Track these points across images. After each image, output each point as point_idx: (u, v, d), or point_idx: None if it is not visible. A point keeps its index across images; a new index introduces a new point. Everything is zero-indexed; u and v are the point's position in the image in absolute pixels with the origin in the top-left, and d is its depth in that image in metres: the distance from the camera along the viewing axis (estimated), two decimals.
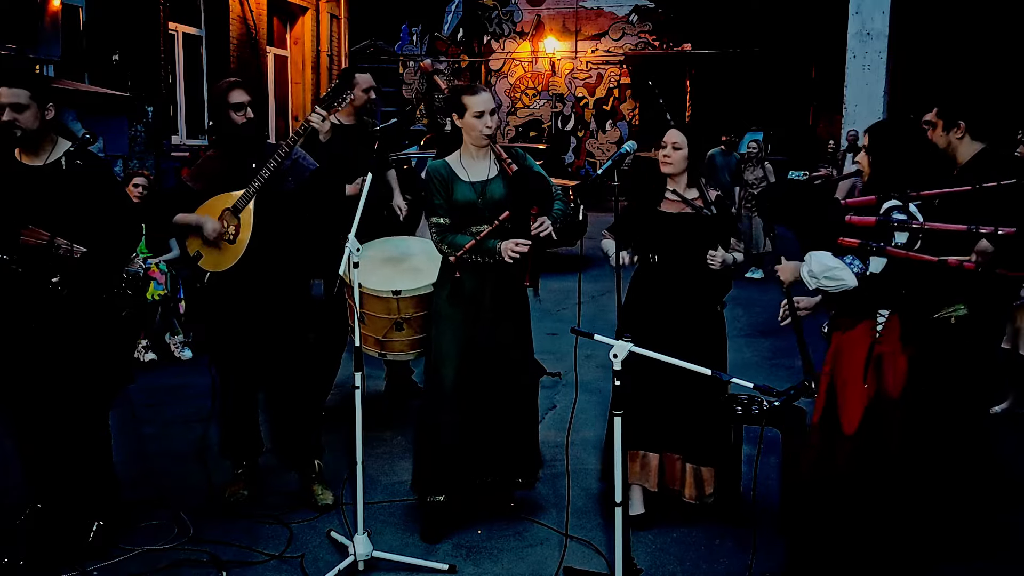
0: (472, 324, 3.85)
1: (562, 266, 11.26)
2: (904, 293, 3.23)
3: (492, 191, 3.89)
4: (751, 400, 4.04)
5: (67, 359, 3.56)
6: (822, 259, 3.18)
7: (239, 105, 3.94)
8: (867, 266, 3.14)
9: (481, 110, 3.83)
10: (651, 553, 3.71)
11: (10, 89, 3.51)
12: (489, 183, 3.90)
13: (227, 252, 3.98)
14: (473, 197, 3.86)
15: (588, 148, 22.42)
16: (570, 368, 4.98)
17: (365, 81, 5.11)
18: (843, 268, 3.14)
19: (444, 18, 23.23)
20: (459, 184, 3.89)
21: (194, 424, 5.24)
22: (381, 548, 3.60)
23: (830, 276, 3.17)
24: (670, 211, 3.96)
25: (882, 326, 3.23)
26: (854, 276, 3.14)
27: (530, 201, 3.79)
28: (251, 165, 3.96)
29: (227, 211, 3.95)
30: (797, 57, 18.64)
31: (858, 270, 3.13)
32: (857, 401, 3.25)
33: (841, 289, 3.19)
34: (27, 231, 3.47)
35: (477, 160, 3.93)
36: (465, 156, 3.96)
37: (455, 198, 3.88)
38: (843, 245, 3.05)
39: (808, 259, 3.23)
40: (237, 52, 12.25)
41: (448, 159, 3.98)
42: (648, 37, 21.54)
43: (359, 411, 3.50)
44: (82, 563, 3.48)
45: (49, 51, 8.82)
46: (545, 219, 3.82)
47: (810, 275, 3.22)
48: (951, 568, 3.55)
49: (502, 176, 3.88)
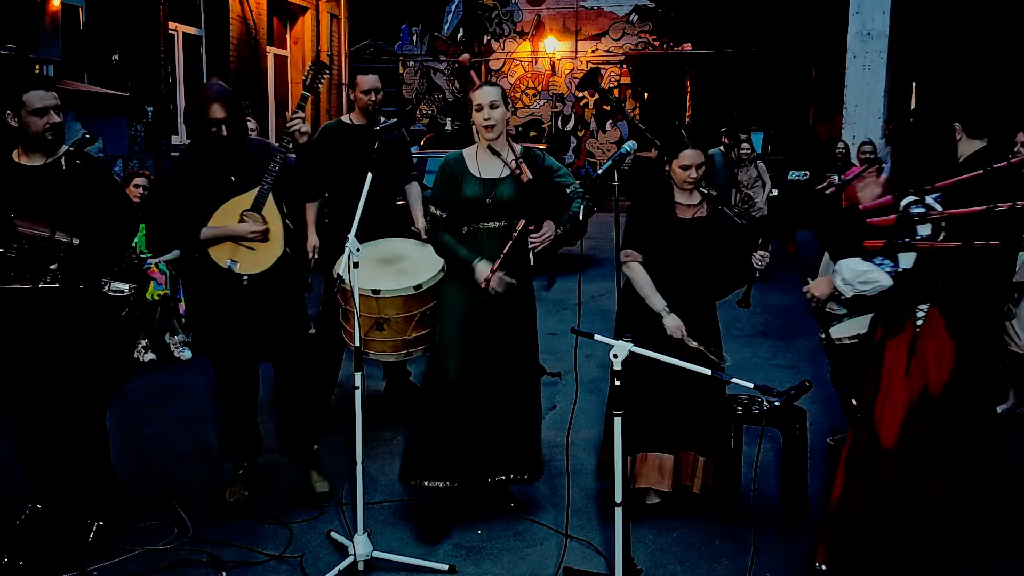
0: (477, 317, 3.84)
1: (562, 266, 11.26)
2: (940, 286, 3.19)
3: (502, 191, 3.84)
4: (751, 400, 4.05)
5: (64, 356, 3.56)
6: (852, 265, 3.17)
7: (216, 122, 3.83)
8: (898, 264, 3.12)
9: (480, 103, 3.80)
10: (651, 553, 3.70)
11: (48, 91, 3.57)
12: (500, 182, 3.85)
13: (264, 250, 3.93)
14: (481, 194, 3.83)
15: (588, 148, 22.41)
16: (570, 368, 4.98)
17: (366, 83, 5.09)
18: (875, 270, 3.13)
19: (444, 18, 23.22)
20: (469, 179, 3.85)
21: (194, 424, 5.24)
22: (381, 548, 3.60)
23: (864, 280, 3.15)
24: (686, 216, 3.97)
25: (922, 320, 3.22)
26: (887, 275, 3.12)
27: (542, 211, 3.77)
28: (230, 178, 3.93)
29: (247, 212, 3.92)
30: (797, 57, 18.63)
31: (890, 269, 3.12)
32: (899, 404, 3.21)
33: (878, 290, 3.16)
34: (23, 220, 3.45)
35: (491, 157, 3.88)
36: (481, 152, 3.91)
37: (463, 193, 3.84)
38: (870, 247, 3.04)
39: (839, 269, 3.21)
40: (237, 52, 12.24)
41: (465, 152, 3.94)
42: (648, 37, 21.52)
43: (359, 411, 3.49)
44: (82, 563, 3.48)
45: (49, 51, 8.81)
46: (546, 231, 3.83)
47: (844, 284, 3.20)
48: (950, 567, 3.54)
49: (514, 177, 3.85)
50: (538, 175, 3.88)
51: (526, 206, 3.83)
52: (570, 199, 4.00)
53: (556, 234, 3.94)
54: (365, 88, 5.07)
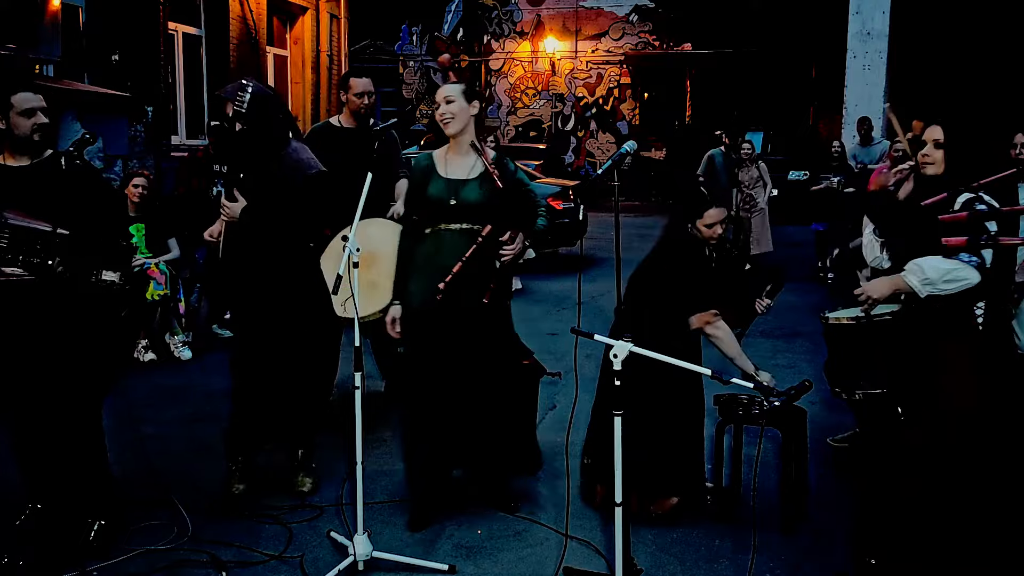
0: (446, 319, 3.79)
1: (562, 266, 11.26)
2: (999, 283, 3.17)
3: (467, 193, 3.79)
4: (751, 400, 4.05)
5: (53, 350, 3.54)
6: (936, 264, 3.06)
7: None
8: (984, 260, 3.04)
9: (437, 99, 3.79)
10: (651, 553, 3.71)
11: (36, 93, 3.58)
12: (465, 184, 3.80)
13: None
14: (446, 195, 3.78)
15: (588, 148, 22.42)
16: (570, 368, 4.98)
17: (359, 86, 4.96)
18: (963, 267, 3.04)
19: (444, 18, 23.24)
20: (435, 179, 3.82)
21: (194, 424, 5.25)
22: (381, 548, 3.60)
23: (951, 278, 3.05)
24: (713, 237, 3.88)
25: (981, 318, 3.18)
26: (976, 271, 3.04)
27: (509, 221, 3.73)
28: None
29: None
30: (797, 57, 18.64)
31: (976, 264, 3.04)
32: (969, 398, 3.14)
33: (963, 288, 3.07)
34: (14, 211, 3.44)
35: (459, 156, 3.83)
36: (450, 152, 3.87)
37: (428, 192, 3.80)
38: (951, 245, 2.97)
39: (917, 269, 3.09)
40: (237, 52, 12.24)
41: (435, 152, 3.91)
42: (648, 37, 21.54)
43: (359, 411, 3.49)
44: (82, 563, 3.48)
45: (49, 51, 8.83)
46: (517, 243, 3.81)
47: (924, 283, 3.07)
48: None
49: (483, 180, 3.80)
50: (509, 184, 3.83)
51: (495, 213, 3.77)
52: (535, 214, 3.97)
53: (525, 246, 3.91)
54: (358, 91, 4.95)
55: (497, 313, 3.92)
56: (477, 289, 3.80)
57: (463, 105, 3.79)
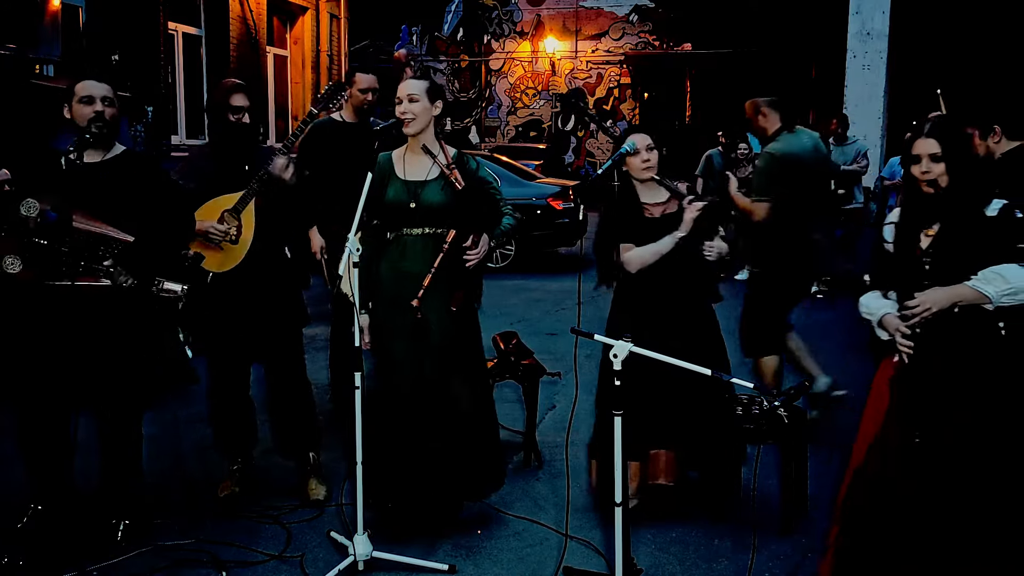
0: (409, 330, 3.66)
1: (562, 266, 11.27)
2: None
3: (428, 196, 3.63)
4: (751, 400, 4.05)
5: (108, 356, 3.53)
6: (1017, 272, 2.89)
7: (238, 108, 3.95)
8: None
9: (399, 96, 3.64)
10: (651, 553, 3.71)
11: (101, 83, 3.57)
12: (425, 185, 3.65)
13: (230, 252, 3.97)
14: (405, 198, 3.64)
15: (588, 148, 22.43)
16: (570, 368, 4.98)
17: (364, 81, 5.03)
18: None
19: (444, 18, 23.26)
20: (394, 181, 3.68)
21: (194, 424, 5.24)
22: (381, 548, 3.60)
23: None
24: (655, 215, 3.81)
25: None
26: None
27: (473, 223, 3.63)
28: (244, 167, 3.97)
29: (227, 212, 3.95)
30: (797, 57, 18.65)
31: None
32: None
33: None
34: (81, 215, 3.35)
35: (418, 156, 3.68)
36: (408, 151, 3.73)
37: (387, 195, 3.65)
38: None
39: (994, 277, 2.90)
40: (237, 52, 12.25)
41: (395, 152, 3.76)
42: (648, 37, 21.56)
43: (359, 411, 3.49)
44: (82, 563, 3.47)
45: (49, 51, 8.83)
46: (482, 246, 3.68)
47: (1005, 294, 2.88)
48: None
49: (443, 181, 3.65)
50: (471, 184, 3.68)
51: (458, 215, 3.65)
52: (501, 213, 3.87)
53: (490, 249, 3.80)
54: (363, 87, 5.03)
55: (465, 319, 3.78)
56: (444, 297, 3.67)
57: (426, 104, 3.64)
